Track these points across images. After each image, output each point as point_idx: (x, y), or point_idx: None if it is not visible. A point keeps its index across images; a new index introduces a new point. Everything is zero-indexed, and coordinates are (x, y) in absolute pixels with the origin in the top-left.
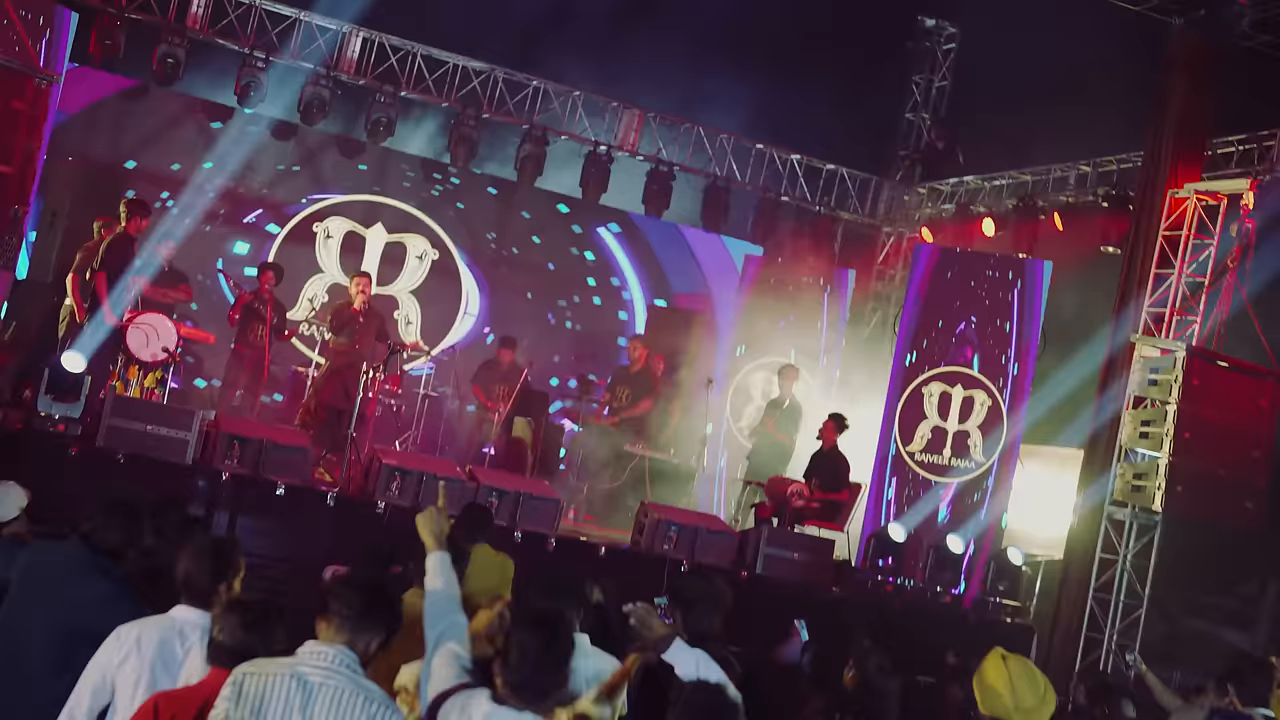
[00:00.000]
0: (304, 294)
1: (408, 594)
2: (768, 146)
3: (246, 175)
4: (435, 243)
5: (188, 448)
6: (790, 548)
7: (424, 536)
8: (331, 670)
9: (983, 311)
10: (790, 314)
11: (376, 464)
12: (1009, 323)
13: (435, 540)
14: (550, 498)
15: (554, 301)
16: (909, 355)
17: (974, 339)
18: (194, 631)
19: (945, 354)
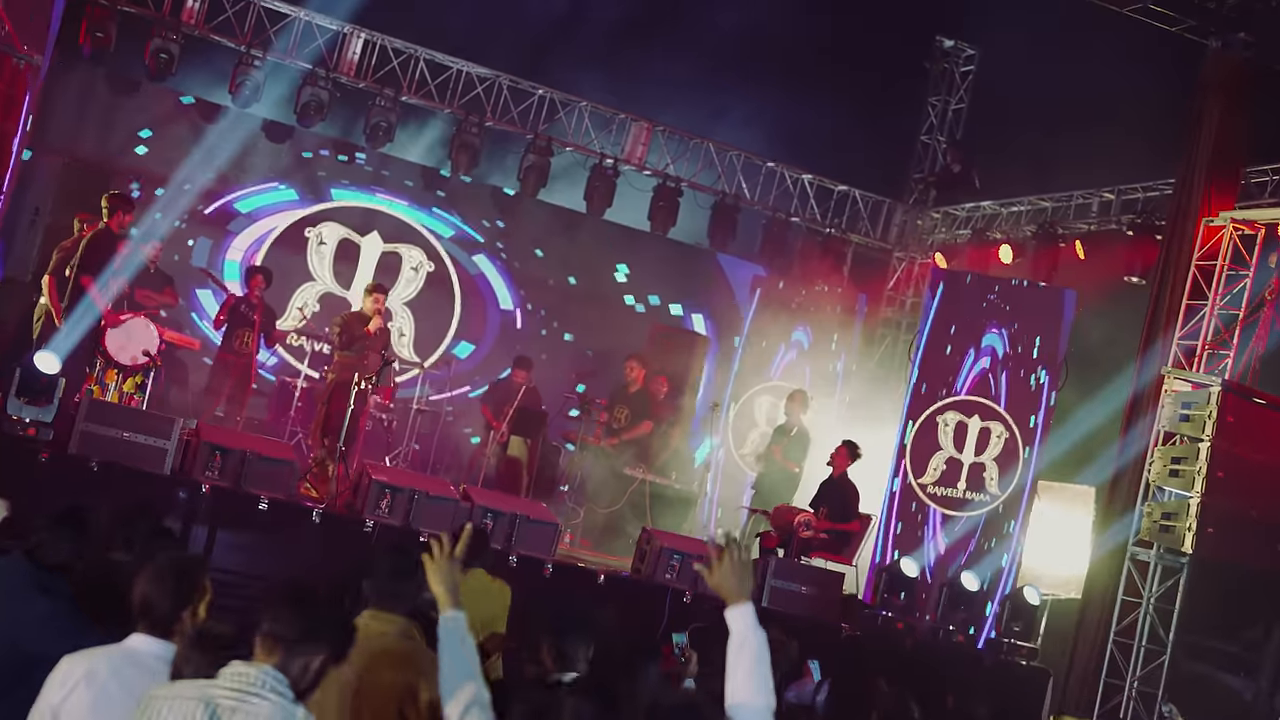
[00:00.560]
0: (294, 302)
1: (363, 616)
2: (779, 165)
3: (238, 176)
4: (431, 254)
5: (166, 457)
6: (798, 580)
7: (436, 590)
8: (249, 693)
9: (1003, 340)
10: (798, 338)
11: (366, 480)
12: (1030, 353)
13: (450, 596)
14: (548, 521)
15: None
16: (924, 383)
17: (993, 368)
18: (157, 665)
19: (962, 383)
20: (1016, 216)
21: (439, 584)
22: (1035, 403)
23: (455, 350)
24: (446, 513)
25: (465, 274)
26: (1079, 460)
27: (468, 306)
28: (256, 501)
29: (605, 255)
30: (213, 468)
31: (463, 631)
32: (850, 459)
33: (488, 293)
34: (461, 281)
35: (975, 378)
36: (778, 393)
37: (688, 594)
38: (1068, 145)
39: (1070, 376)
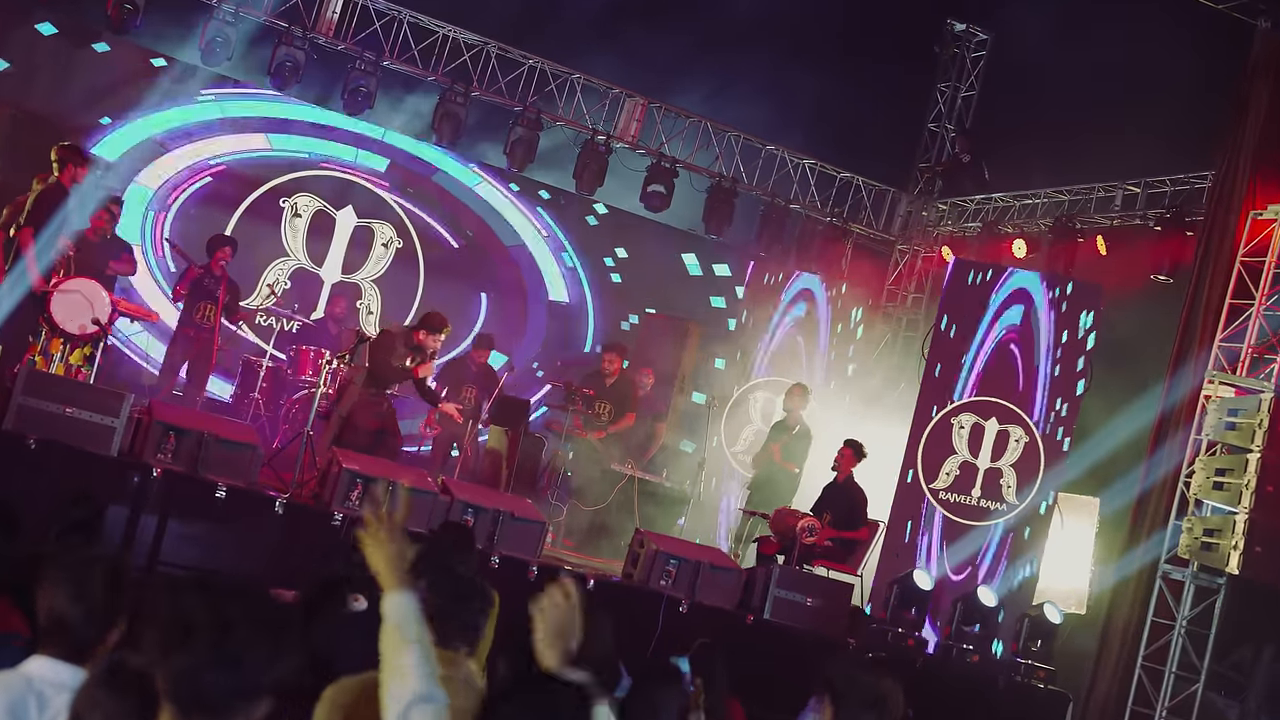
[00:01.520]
0: (264, 279)
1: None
2: (779, 148)
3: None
4: (401, 231)
5: (114, 436)
6: (803, 591)
7: (377, 566)
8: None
9: (1023, 337)
10: (795, 331)
11: (335, 468)
12: (1053, 352)
13: (394, 573)
14: (534, 519)
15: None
16: (937, 382)
17: (1013, 368)
18: (58, 695)
19: (979, 383)
20: (1031, 209)
21: (381, 558)
22: (1061, 406)
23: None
24: (424, 507)
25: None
26: (1100, 470)
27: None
28: (214, 489)
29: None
30: (166, 450)
31: (409, 617)
32: (856, 460)
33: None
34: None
35: (994, 377)
36: (774, 388)
37: (684, 603)
38: (1087, 136)
39: (1091, 380)
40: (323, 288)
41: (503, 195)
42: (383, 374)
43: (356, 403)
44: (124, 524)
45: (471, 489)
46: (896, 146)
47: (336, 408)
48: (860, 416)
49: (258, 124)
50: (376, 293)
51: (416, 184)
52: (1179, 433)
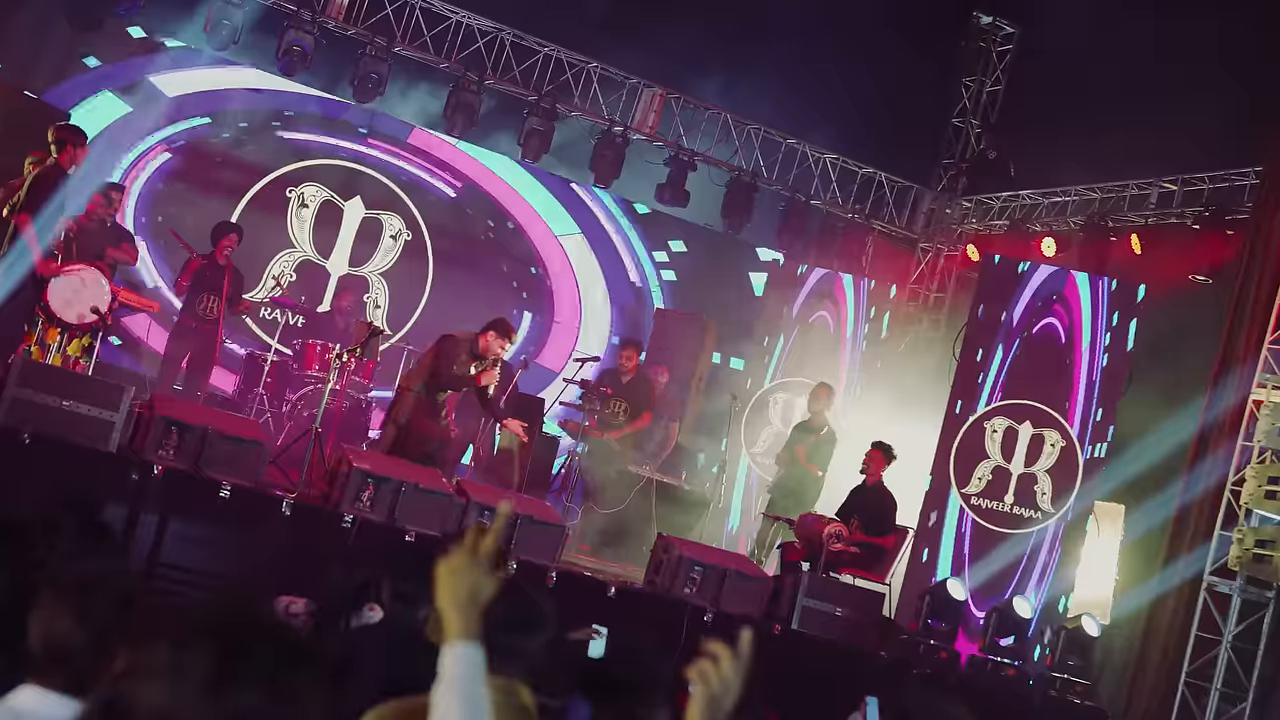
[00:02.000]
0: (269, 270)
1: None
2: (800, 143)
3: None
4: (410, 223)
5: (113, 431)
6: (833, 600)
7: (448, 603)
8: None
9: (1061, 338)
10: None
11: (345, 467)
12: (1092, 354)
13: (463, 617)
14: (553, 523)
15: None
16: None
17: (1049, 370)
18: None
19: (1013, 384)
20: (1060, 207)
21: (451, 600)
22: (1098, 411)
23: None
24: (437, 509)
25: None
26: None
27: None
28: (217, 488)
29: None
30: (167, 446)
31: (474, 675)
32: (885, 463)
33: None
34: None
35: (1029, 379)
36: (795, 389)
37: (709, 612)
38: (1120, 131)
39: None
40: (329, 281)
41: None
42: (443, 380)
43: (414, 411)
44: (122, 524)
45: (488, 490)
46: (920, 142)
47: (392, 415)
48: (883, 418)
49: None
50: (384, 286)
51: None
52: (1225, 440)
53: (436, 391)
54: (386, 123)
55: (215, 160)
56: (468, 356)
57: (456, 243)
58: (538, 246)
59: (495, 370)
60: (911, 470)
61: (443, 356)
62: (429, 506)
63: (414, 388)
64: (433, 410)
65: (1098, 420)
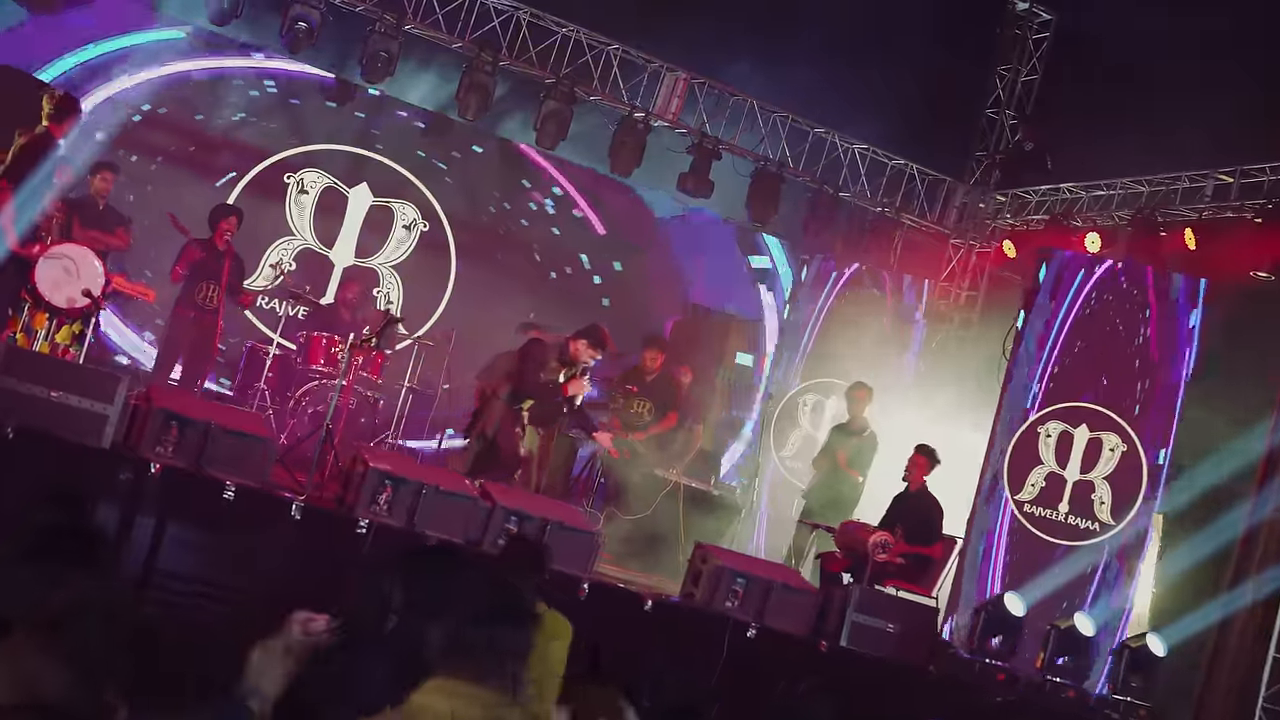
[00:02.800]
0: (266, 258)
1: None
2: (829, 132)
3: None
4: (427, 212)
5: (107, 425)
6: (883, 615)
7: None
8: None
9: (1120, 337)
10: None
11: (361, 468)
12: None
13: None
14: (586, 530)
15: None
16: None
17: (1108, 370)
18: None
19: (1069, 386)
20: (1104, 201)
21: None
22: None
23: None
24: (461, 513)
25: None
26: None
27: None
28: (220, 488)
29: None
30: (166, 442)
31: None
32: (929, 468)
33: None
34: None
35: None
36: (825, 390)
37: (753, 627)
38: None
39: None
40: (332, 272)
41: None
42: (527, 388)
43: (503, 421)
44: (116, 527)
45: (515, 494)
46: (953, 134)
47: (479, 426)
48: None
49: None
50: (396, 280)
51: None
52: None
53: (519, 400)
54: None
55: (207, 139)
56: (557, 363)
57: (481, 235)
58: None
59: (584, 380)
60: (951, 476)
61: (530, 360)
62: (452, 511)
63: (500, 395)
64: (517, 422)
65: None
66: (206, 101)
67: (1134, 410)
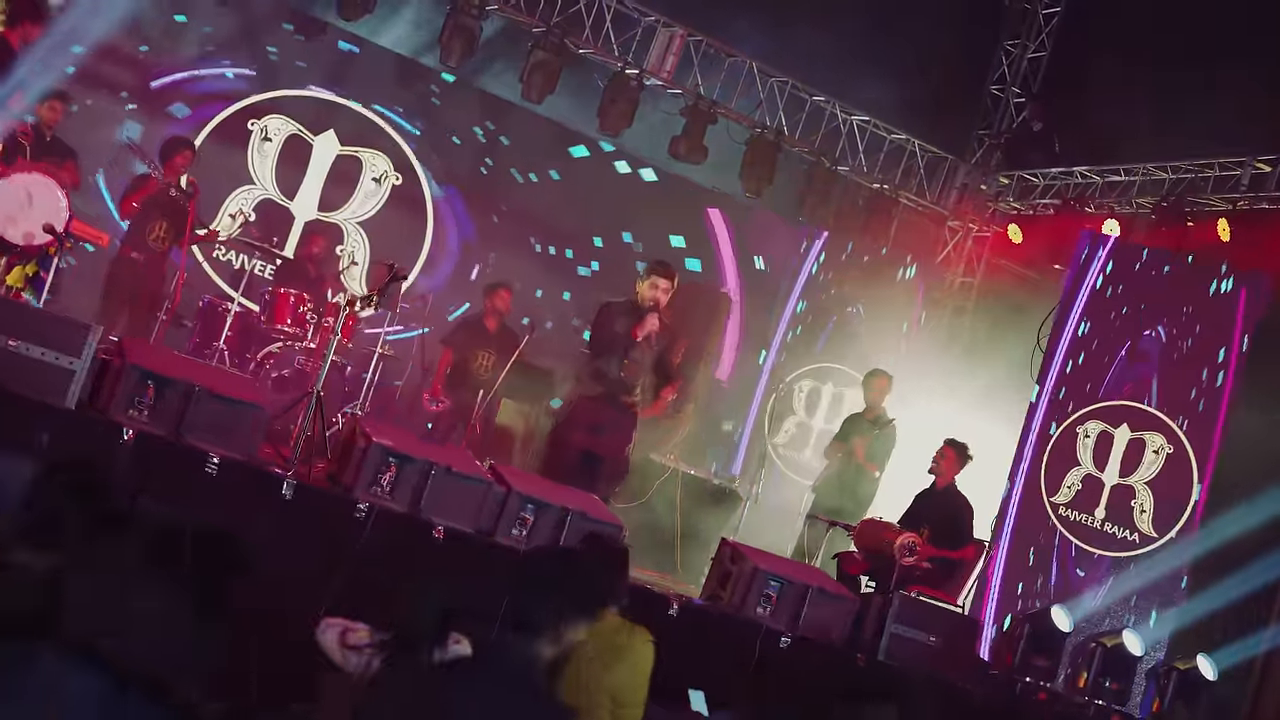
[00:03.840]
0: (225, 208)
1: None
2: (830, 101)
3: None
4: (400, 164)
5: (73, 383)
6: (924, 626)
7: None
8: None
9: (1168, 330)
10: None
11: (362, 442)
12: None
13: None
14: (609, 521)
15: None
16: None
17: (1153, 365)
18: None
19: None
20: (1121, 187)
21: None
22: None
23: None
24: (473, 499)
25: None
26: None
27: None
28: (203, 459)
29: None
30: (141, 405)
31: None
32: (960, 465)
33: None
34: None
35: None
36: (821, 375)
37: (786, 636)
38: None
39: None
40: (292, 225)
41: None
42: (605, 354)
43: (575, 407)
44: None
45: (532, 479)
46: (956, 110)
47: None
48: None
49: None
50: (363, 238)
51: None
52: None
53: (603, 355)
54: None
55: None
56: (626, 314)
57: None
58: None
59: (652, 319)
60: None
61: (600, 328)
62: (462, 495)
63: (580, 376)
64: (590, 406)
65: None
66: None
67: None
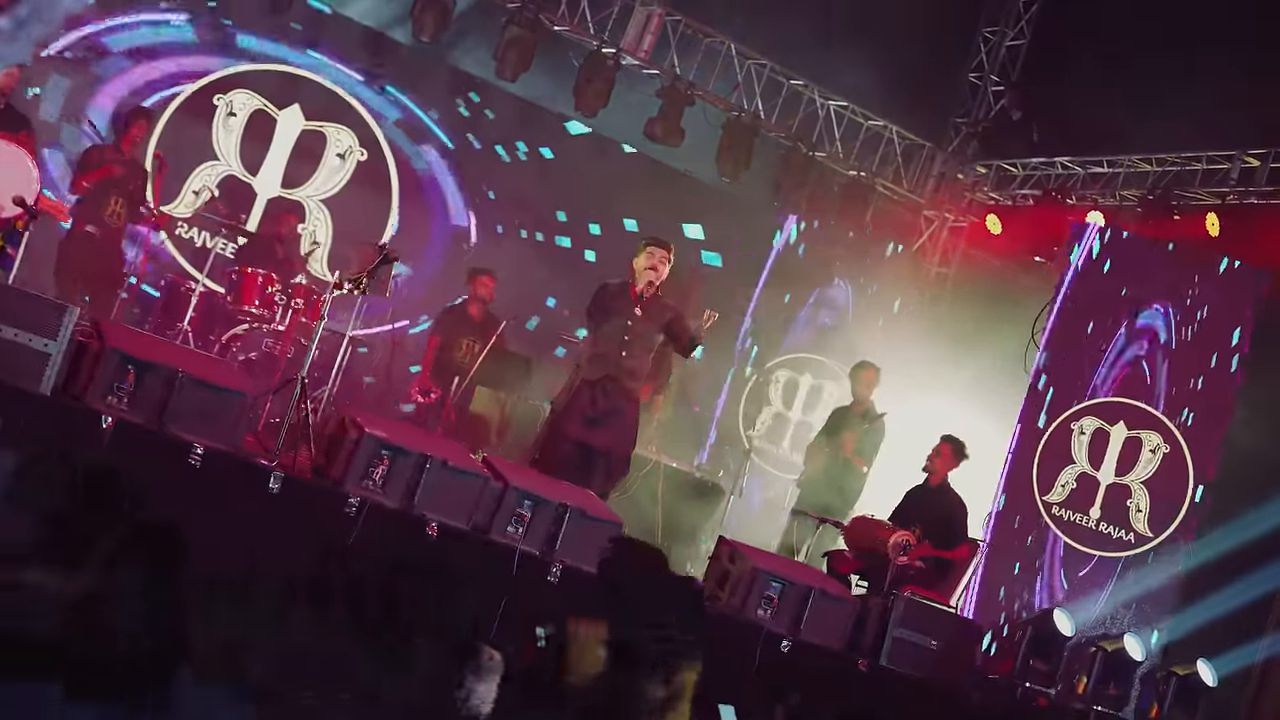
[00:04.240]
0: (189, 184)
1: None
2: (808, 85)
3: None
4: (365, 139)
5: (48, 367)
6: (925, 630)
7: None
8: None
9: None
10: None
11: (354, 434)
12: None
13: None
14: (608, 519)
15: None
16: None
17: (1151, 363)
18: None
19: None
20: (1105, 179)
21: None
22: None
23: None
24: (469, 494)
25: (409, 171)
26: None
27: (407, 213)
28: (186, 450)
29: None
30: (121, 391)
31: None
32: (956, 462)
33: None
34: (403, 180)
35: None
36: (798, 366)
37: (787, 640)
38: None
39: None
40: (255, 202)
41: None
42: (605, 337)
43: (575, 394)
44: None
45: (527, 474)
46: (934, 97)
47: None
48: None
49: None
50: (325, 216)
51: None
52: None
53: (604, 325)
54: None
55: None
56: (620, 292)
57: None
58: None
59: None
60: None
61: (599, 313)
62: (458, 491)
63: (580, 360)
64: (591, 395)
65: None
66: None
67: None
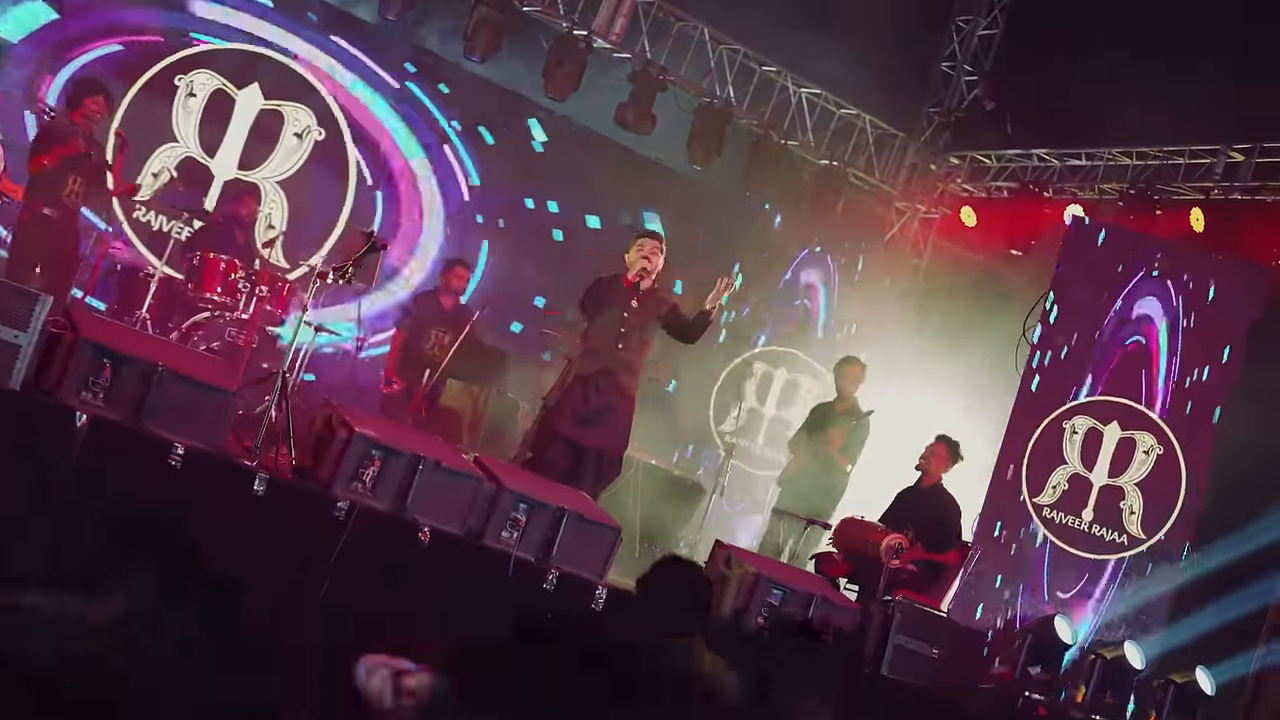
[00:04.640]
0: (148, 167)
1: None
2: (781, 72)
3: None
4: (324, 118)
5: (18, 359)
6: (927, 638)
7: None
8: None
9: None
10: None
11: (343, 433)
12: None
13: None
14: (606, 523)
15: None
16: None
17: (1146, 359)
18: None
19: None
20: (1084, 172)
21: None
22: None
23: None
24: (462, 496)
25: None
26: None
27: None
28: (167, 450)
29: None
30: (96, 386)
31: None
32: (950, 463)
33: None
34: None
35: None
36: (775, 360)
37: None
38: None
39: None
40: (212, 184)
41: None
42: (599, 330)
43: (567, 391)
44: None
45: (523, 476)
46: (908, 87)
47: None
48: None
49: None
50: (281, 199)
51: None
52: None
53: (600, 316)
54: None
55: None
56: (615, 283)
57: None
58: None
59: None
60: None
61: (596, 306)
62: (451, 493)
63: (573, 355)
64: (587, 390)
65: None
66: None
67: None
